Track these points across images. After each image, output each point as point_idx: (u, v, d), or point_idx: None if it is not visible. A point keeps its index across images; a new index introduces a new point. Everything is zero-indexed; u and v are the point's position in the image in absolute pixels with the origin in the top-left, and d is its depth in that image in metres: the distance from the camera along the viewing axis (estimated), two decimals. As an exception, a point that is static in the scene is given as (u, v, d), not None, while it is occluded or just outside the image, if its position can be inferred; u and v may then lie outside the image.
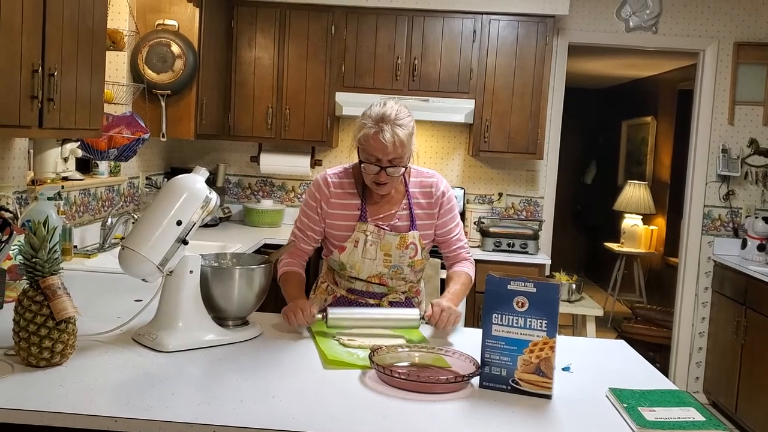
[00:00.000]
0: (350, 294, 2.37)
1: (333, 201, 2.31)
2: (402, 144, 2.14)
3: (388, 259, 2.28)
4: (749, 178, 4.77)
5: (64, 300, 1.66)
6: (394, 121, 2.14)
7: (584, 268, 9.02)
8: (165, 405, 1.51)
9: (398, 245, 2.28)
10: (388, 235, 2.27)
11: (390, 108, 2.17)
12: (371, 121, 2.16)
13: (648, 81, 7.76)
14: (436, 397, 1.67)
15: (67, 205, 3.25)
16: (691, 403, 1.68)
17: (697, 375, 4.91)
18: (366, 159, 2.18)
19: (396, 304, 2.37)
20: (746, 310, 4.26)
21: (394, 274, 2.32)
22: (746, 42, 4.68)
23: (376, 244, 2.27)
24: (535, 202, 4.86)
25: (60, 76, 2.24)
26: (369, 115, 2.18)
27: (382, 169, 2.17)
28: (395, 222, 2.30)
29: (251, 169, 4.91)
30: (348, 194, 2.32)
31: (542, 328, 1.69)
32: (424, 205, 2.34)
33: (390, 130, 2.12)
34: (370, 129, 2.14)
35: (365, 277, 2.32)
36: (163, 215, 1.87)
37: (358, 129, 2.20)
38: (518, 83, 4.39)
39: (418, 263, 2.34)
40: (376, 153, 2.15)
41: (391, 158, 2.15)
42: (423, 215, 2.33)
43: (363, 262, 2.28)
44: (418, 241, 2.30)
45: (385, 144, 2.12)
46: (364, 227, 2.27)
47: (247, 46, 4.44)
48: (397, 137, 2.12)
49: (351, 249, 2.28)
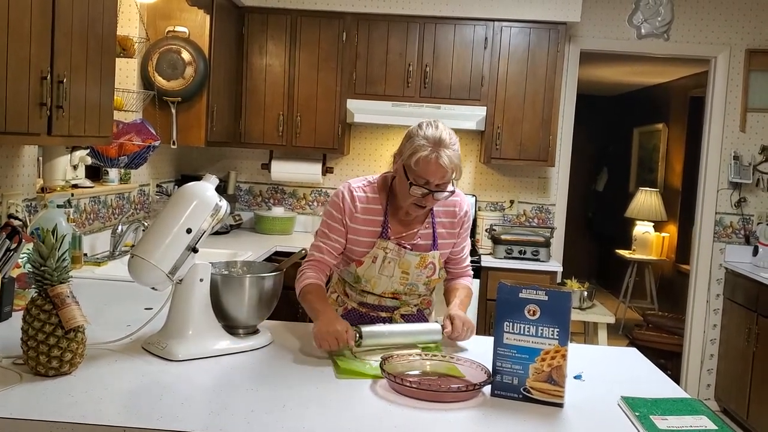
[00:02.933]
0: (361, 307, 2.33)
1: (358, 216, 2.22)
2: (457, 168, 2.09)
3: (405, 277, 2.24)
4: (761, 185, 4.74)
5: (72, 309, 1.66)
6: (449, 145, 2.08)
7: (596, 275, 8.97)
8: (175, 414, 1.51)
9: (418, 265, 2.24)
10: (408, 254, 2.22)
11: (441, 131, 2.09)
12: (428, 144, 2.06)
13: (660, 88, 7.72)
14: (447, 406, 1.65)
15: (77, 213, 3.26)
16: (703, 411, 1.67)
17: (708, 382, 4.86)
18: (415, 181, 2.09)
19: (407, 316, 2.34)
20: (758, 317, 4.22)
21: (409, 291, 2.29)
22: (758, 49, 4.65)
23: (395, 262, 2.22)
24: (546, 209, 4.84)
25: (69, 83, 2.24)
26: (424, 136, 2.08)
27: (430, 193, 2.11)
28: (417, 241, 2.25)
29: (262, 176, 4.91)
30: (372, 209, 2.23)
31: (554, 337, 1.68)
32: (447, 224, 2.30)
33: (447, 154, 2.06)
34: (431, 153, 2.05)
35: (379, 292, 2.28)
36: (173, 223, 1.86)
37: (411, 150, 2.08)
38: (530, 90, 4.38)
39: (434, 282, 2.32)
40: (429, 176, 2.07)
41: (440, 182, 2.10)
42: (445, 234, 2.29)
43: (379, 278, 2.24)
44: (437, 261, 2.27)
45: (445, 169, 2.06)
46: (384, 244, 2.21)
47: (257, 53, 4.45)
48: (453, 162, 2.07)
49: (369, 264, 2.23)
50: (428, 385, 1.71)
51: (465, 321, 2.12)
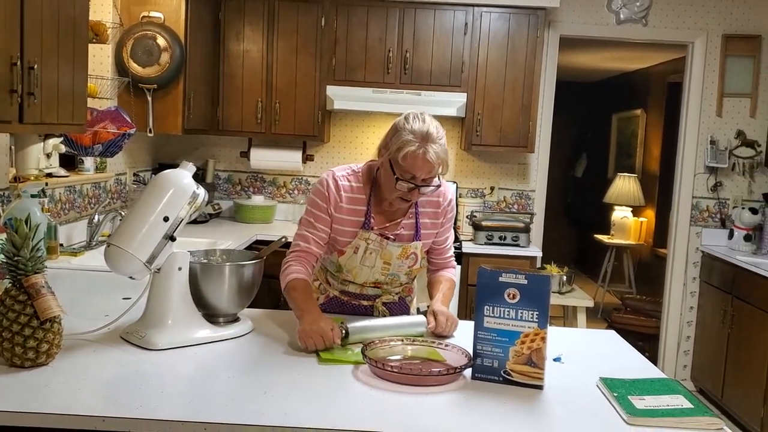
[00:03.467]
0: (343, 295, 2.32)
1: (342, 206, 2.19)
2: (444, 163, 2.08)
3: (387, 267, 2.23)
4: (737, 169, 4.79)
5: (48, 299, 1.64)
6: (437, 140, 2.06)
7: (575, 260, 9.04)
8: (155, 403, 1.50)
9: (399, 255, 2.23)
10: (390, 245, 2.21)
11: (430, 125, 2.07)
12: (416, 139, 2.03)
13: (638, 74, 7.77)
14: (428, 390, 1.66)
15: (52, 203, 3.22)
16: (680, 390, 1.69)
17: (685, 363, 4.94)
18: (401, 175, 2.06)
19: (389, 304, 2.34)
20: (733, 299, 4.29)
21: (391, 281, 2.29)
22: (734, 34, 4.69)
23: (377, 252, 2.21)
24: (526, 196, 4.86)
25: (40, 69, 2.19)
26: (411, 131, 2.05)
27: (416, 187, 2.09)
28: (400, 231, 2.23)
29: (241, 164, 4.88)
30: (356, 199, 2.21)
31: (533, 320, 1.69)
32: (431, 214, 2.28)
33: (434, 149, 2.04)
34: (418, 148, 2.02)
35: (361, 282, 2.27)
36: (150, 211, 1.84)
37: (399, 144, 2.04)
38: (510, 76, 4.38)
39: (415, 271, 2.32)
40: (416, 171, 2.05)
41: (427, 177, 2.08)
42: (428, 224, 2.28)
43: (361, 269, 2.23)
44: (419, 251, 2.26)
45: (432, 164, 2.04)
46: (366, 235, 2.19)
47: (235, 38, 4.41)
48: (440, 157, 2.06)
49: (350, 254, 2.21)
50: (409, 370, 1.72)
51: (448, 316, 2.11)
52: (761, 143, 4.75)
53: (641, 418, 1.53)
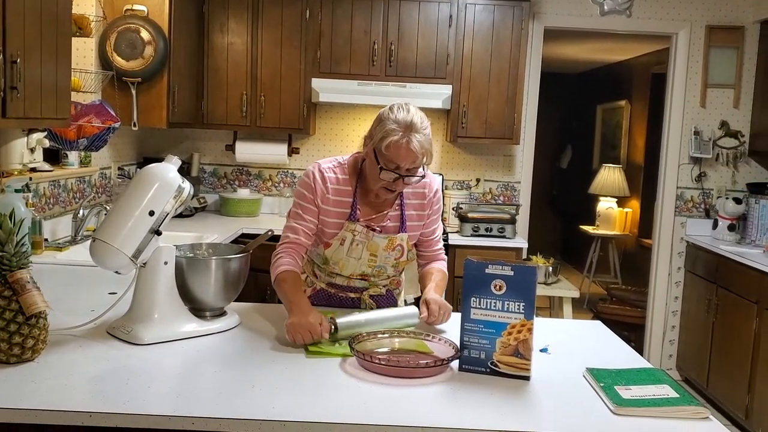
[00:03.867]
0: (330, 288, 2.32)
1: (328, 197, 2.20)
2: (428, 153, 2.08)
3: (374, 260, 2.23)
4: (720, 159, 4.83)
5: (33, 294, 1.62)
6: (420, 129, 2.06)
7: (560, 251, 9.09)
8: (142, 398, 1.49)
9: (386, 247, 2.23)
10: (376, 237, 2.21)
11: (413, 114, 2.07)
12: (399, 128, 2.04)
13: (622, 65, 7.80)
14: (416, 382, 1.67)
15: (36, 197, 3.19)
16: (666, 380, 1.71)
17: (670, 352, 4.99)
18: (386, 165, 2.07)
19: (376, 297, 2.34)
20: (717, 289, 4.33)
21: (377, 273, 2.28)
22: (718, 25, 4.72)
23: (363, 244, 2.21)
24: (512, 187, 4.87)
25: (23, 63, 2.17)
26: (395, 120, 2.05)
27: (400, 177, 2.09)
28: (386, 223, 2.24)
29: (226, 158, 4.85)
30: (342, 191, 2.21)
31: (520, 311, 1.70)
32: (417, 206, 2.28)
33: (418, 139, 2.04)
34: (401, 137, 2.03)
35: (348, 274, 2.27)
36: (135, 206, 1.83)
37: (382, 133, 2.05)
38: (495, 68, 4.39)
39: (402, 264, 2.32)
40: (400, 161, 2.05)
41: (411, 167, 2.08)
42: (414, 216, 2.28)
43: (348, 261, 2.23)
44: (405, 243, 2.26)
45: (416, 154, 2.04)
46: (352, 227, 2.19)
47: (219, 31, 4.38)
48: (424, 147, 2.06)
49: (337, 246, 2.21)
50: (396, 362, 1.72)
51: (441, 305, 2.11)
52: (744, 134, 4.79)
53: (627, 408, 1.54)
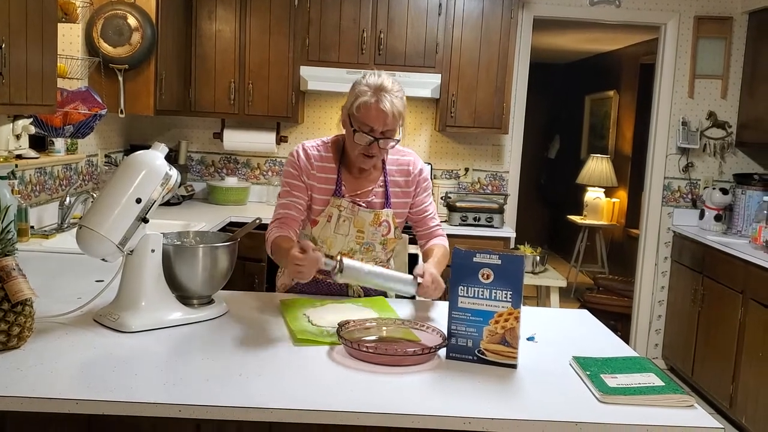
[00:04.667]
0: (319, 274, 2.29)
1: (313, 173, 2.26)
2: (399, 115, 2.13)
3: (361, 236, 2.26)
4: (707, 150, 4.86)
5: (19, 282, 1.61)
6: (392, 92, 2.12)
7: (548, 241, 9.13)
8: (128, 386, 1.49)
9: (372, 222, 2.26)
10: (362, 211, 2.25)
11: (385, 79, 2.15)
12: (368, 90, 2.12)
13: (611, 55, 7.82)
14: (403, 370, 1.67)
15: (22, 185, 3.16)
16: (651, 369, 1.72)
17: (656, 342, 5.03)
18: (359, 128, 2.14)
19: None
20: (703, 279, 4.36)
21: (366, 251, 2.30)
22: (706, 16, 4.74)
23: (350, 220, 2.24)
24: (500, 177, 4.88)
25: (8, 49, 2.15)
26: (366, 83, 2.14)
27: (375, 141, 2.14)
28: (371, 199, 2.28)
29: (214, 145, 4.83)
30: (326, 168, 2.27)
31: (507, 299, 1.71)
32: (401, 183, 2.32)
33: (389, 99, 2.10)
34: (370, 98, 2.11)
35: (335, 252, 2.28)
36: (122, 193, 1.82)
37: (354, 97, 2.15)
38: (484, 58, 4.38)
39: (390, 242, 2.33)
40: (372, 123, 2.12)
41: (384, 129, 2.13)
42: (399, 193, 2.32)
43: (335, 238, 2.26)
44: (391, 219, 2.29)
45: (386, 113, 2.10)
46: (338, 202, 2.24)
47: (207, 18, 4.35)
48: (396, 108, 2.11)
49: (324, 223, 2.25)
50: (384, 350, 1.73)
51: (435, 278, 2.12)
52: (732, 124, 4.82)
53: (613, 396, 1.55)
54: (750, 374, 3.76)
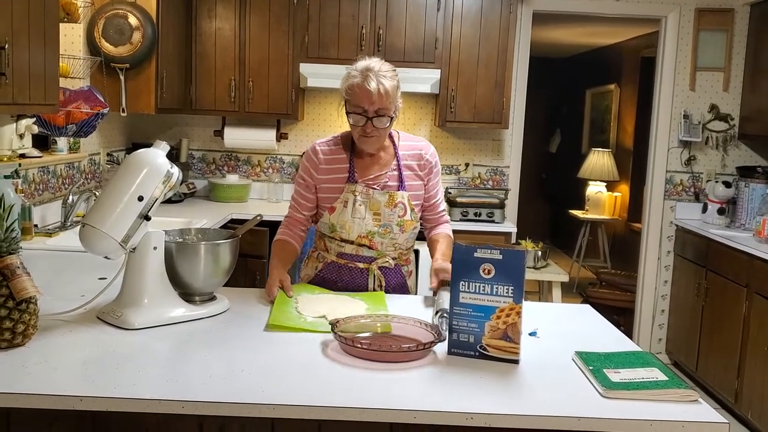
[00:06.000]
0: (340, 259, 2.37)
1: (322, 167, 2.36)
2: (387, 93, 2.19)
3: (378, 218, 2.31)
4: (710, 143, 4.85)
5: (23, 279, 1.62)
6: (379, 72, 2.19)
7: (550, 236, 9.12)
8: (132, 382, 1.50)
9: (387, 203, 2.31)
10: (377, 193, 2.31)
11: (374, 62, 2.24)
12: (356, 72, 2.21)
13: (611, 49, 7.80)
14: (402, 366, 1.68)
15: (26, 183, 3.17)
16: (655, 363, 1.71)
17: (659, 336, 5.02)
18: (353, 110, 2.22)
19: (385, 269, 2.36)
20: (707, 272, 4.36)
21: (384, 232, 2.32)
22: (707, 8, 4.72)
23: (366, 204, 2.31)
24: (501, 172, 4.88)
25: (11, 49, 2.16)
26: (355, 67, 2.24)
27: (368, 120, 2.20)
28: (386, 182, 2.35)
29: (215, 143, 4.84)
30: (337, 159, 2.36)
31: (509, 294, 1.71)
32: (415, 167, 2.38)
33: (375, 79, 2.17)
34: (355, 78, 2.20)
35: (355, 237, 2.32)
36: (124, 191, 1.83)
37: (344, 81, 2.24)
38: (483, 52, 4.38)
39: (408, 224, 2.35)
40: (361, 102, 2.19)
41: (377, 108, 2.19)
42: (413, 176, 2.38)
43: (353, 222, 2.31)
44: (407, 201, 2.34)
45: (371, 92, 2.17)
46: (352, 188, 2.32)
47: (206, 16, 4.35)
48: (382, 86, 2.18)
49: (341, 209, 2.32)
50: (378, 346, 1.72)
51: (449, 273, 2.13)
52: (734, 117, 4.81)
53: (616, 391, 1.55)
54: (755, 369, 3.76)
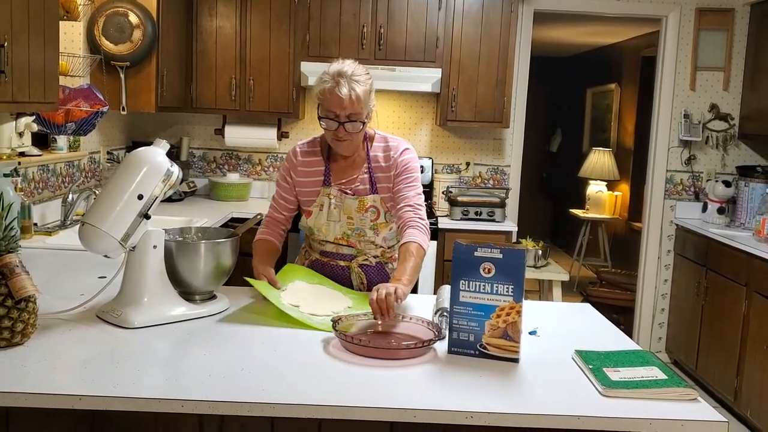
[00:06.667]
0: (323, 257, 2.42)
1: (300, 169, 2.37)
2: (359, 99, 2.17)
3: (351, 222, 2.34)
4: (710, 142, 4.85)
5: (22, 278, 1.62)
6: (351, 77, 2.17)
7: (550, 235, 9.12)
8: (131, 381, 1.50)
9: (358, 209, 2.32)
10: (348, 199, 2.32)
11: (348, 65, 2.21)
12: (329, 77, 2.19)
13: (612, 48, 7.79)
14: (404, 363, 1.68)
15: (25, 182, 3.17)
16: (654, 362, 1.72)
17: (659, 335, 5.02)
18: (325, 115, 2.21)
19: (366, 267, 2.40)
20: (707, 272, 4.36)
21: (358, 236, 2.36)
22: (707, 8, 4.72)
23: (340, 208, 2.33)
24: (501, 171, 4.88)
25: (11, 47, 2.16)
26: (327, 71, 2.21)
27: (340, 125, 2.20)
28: (357, 186, 2.34)
29: (216, 142, 4.83)
30: (314, 161, 2.37)
31: (509, 293, 1.71)
32: (384, 168, 2.35)
33: (347, 85, 2.16)
34: (327, 84, 2.18)
35: (332, 239, 2.37)
36: (124, 189, 1.83)
37: (317, 85, 2.23)
38: (484, 51, 4.37)
39: (381, 226, 2.35)
40: (333, 108, 2.18)
41: (348, 113, 2.18)
42: (383, 178, 2.35)
43: (328, 225, 2.34)
44: (379, 205, 2.33)
45: (342, 98, 2.15)
46: (327, 191, 2.33)
47: (207, 14, 4.34)
48: (354, 92, 2.16)
49: (317, 213, 2.34)
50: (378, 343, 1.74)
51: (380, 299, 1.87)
52: (734, 116, 4.81)
53: (616, 390, 1.55)
54: (755, 367, 3.76)
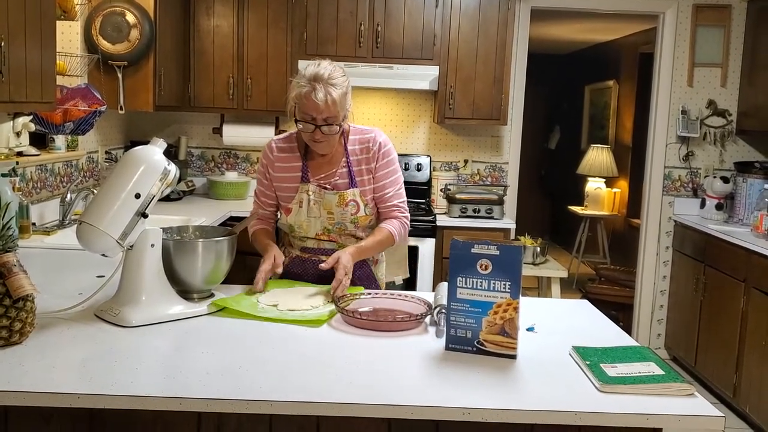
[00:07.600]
0: (304, 253, 2.40)
1: (277, 165, 2.37)
2: (335, 103, 2.16)
3: (331, 217, 2.33)
4: (708, 138, 4.85)
5: (20, 277, 1.62)
6: (327, 81, 2.16)
7: (549, 232, 9.13)
8: (129, 380, 1.50)
9: (338, 203, 2.31)
10: (327, 194, 2.31)
11: (324, 68, 2.18)
12: (305, 81, 2.17)
13: (610, 45, 7.80)
14: (403, 359, 1.69)
15: (23, 182, 3.17)
16: (651, 357, 1.72)
17: (658, 332, 5.03)
18: (301, 118, 2.20)
19: None
20: (705, 268, 4.36)
21: (339, 231, 2.35)
22: (705, 4, 4.72)
23: (319, 203, 2.31)
24: (500, 168, 4.88)
25: (8, 46, 2.16)
26: (303, 74, 2.19)
27: (317, 128, 2.19)
28: (336, 180, 2.33)
29: (214, 141, 4.83)
30: (291, 157, 2.36)
31: (506, 290, 1.71)
32: (363, 160, 2.35)
33: (323, 89, 2.14)
34: (303, 88, 2.16)
35: (313, 234, 2.36)
36: (121, 188, 1.83)
37: (292, 88, 2.21)
38: (482, 49, 4.37)
39: (362, 219, 2.35)
40: (310, 112, 2.17)
41: (325, 117, 2.17)
42: (363, 171, 2.35)
43: (309, 221, 2.33)
44: (359, 198, 2.33)
45: (318, 103, 2.14)
46: (306, 187, 2.32)
47: (204, 13, 4.34)
48: (330, 96, 2.15)
49: (296, 210, 2.33)
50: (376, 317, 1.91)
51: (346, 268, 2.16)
52: (732, 112, 4.81)
53: (613, 386, 1.56)
54: (753, 363, 3.77)
